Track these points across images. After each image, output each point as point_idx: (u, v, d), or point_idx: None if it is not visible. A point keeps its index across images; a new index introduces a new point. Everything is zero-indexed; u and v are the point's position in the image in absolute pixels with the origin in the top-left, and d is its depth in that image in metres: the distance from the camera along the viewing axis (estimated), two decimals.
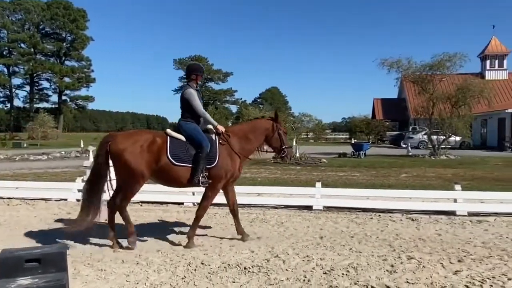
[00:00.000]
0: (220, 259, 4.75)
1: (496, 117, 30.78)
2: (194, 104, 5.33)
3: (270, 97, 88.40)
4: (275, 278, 4.12)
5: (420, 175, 13.31)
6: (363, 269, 4.36)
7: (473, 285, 3.90)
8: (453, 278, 4.09)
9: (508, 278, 4.06)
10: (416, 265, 4.49)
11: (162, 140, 5.19)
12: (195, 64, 5.77)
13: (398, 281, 3.99)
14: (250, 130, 5.66)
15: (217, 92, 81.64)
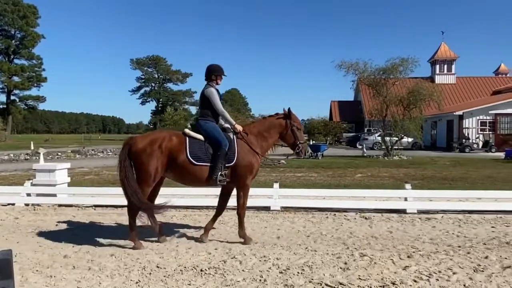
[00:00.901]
0: (176, 262, 4.69)
1: (445, 119, 32.38)
2: (215, 102, 5.42)
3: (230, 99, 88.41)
4: (231, 279, 4.12)
5: (374, 175, 13.76)
6: (318, 267, 4.45)
7: (421, 280, 4.07)
8: (403, 273, 4.26)
9: (453, 272, 4.27)
10: (368, 262, 4.63)
11: (180, 140, 5.29)
12: (215, 65, 5.71)
13: (351, 278, 4.11)
14: (265, 128, 5.73)
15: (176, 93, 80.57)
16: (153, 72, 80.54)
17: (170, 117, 50.79)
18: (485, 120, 29.72)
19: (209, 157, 5.27)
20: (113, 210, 7.97)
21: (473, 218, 7.08)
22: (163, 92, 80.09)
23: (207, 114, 5.49)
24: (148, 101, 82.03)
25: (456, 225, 6.66)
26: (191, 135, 5.39)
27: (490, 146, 27.72)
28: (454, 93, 44.88)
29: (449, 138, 31.18)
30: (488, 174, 13.69)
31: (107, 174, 14.49)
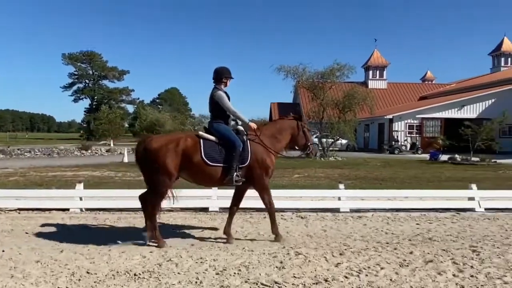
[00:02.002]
0: (108, 266, 4.50)
1: (376, 122, 34.19)
2: (225, 104, 5.53)
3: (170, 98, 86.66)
4: (166, 282, 4.04)
5: (311, 176, 14.18)
6: (254, 267, 4.49)
7: (351, 276, 4.25)
8: (335, 270, 4.42)
9: (381, 268, 4.51)
10: (303, 260, 4.76)
11: (194, 141, 5.38)
12: (224, 68, 5.78)
13: (286, 276, 4.19)
14: (277, 130, 5.87)
15: (112, 91, 77.30)
16: (87, 68, 76.68)
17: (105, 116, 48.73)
18: (412, 123, 31.77)
19: (223, 158, 5.38)
20: (41, 213, 7.48)
21: (400, 216, 7.53)
22: (98, 90, 76.54)
23: (218, 116, 5.61)
24: (82, 98, 77.99)
25: (385, 222, 7.04)
26: (205, 137, 5.48)
27: (416, 148, 29.65)
28: (385, 98, 47.47)
29: (380, 140, 32.97)
30: (414, 175, 14.64)
31: (34, 175, 13.59)
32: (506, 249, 5.31)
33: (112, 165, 17.86)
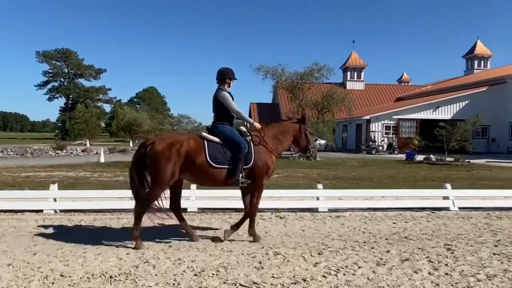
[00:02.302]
0: (83, 269, 4.40)
1: (354, 123, 34.63)
2: (230, 105, 5.55)
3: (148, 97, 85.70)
4: (143, 284, 3.97)
5: (290, 175, 14.24)
6: (233, 267, 4.47)
7: (329, 275, 4.28)
8: (313, 269, 4.44)
9: (358, 267, 4.55)
10: (281, 260, 4.76)
11: (198, 143, 5.36)
12: (228, 69, 5.83)
13: (265, 277, 4.18)
14: (280, 132, 5.94)
15: (88, 89, 75.87)
16: (62, 66, 74.98)
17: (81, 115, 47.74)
18: (389, 124, 32.32)
19: (228, 159, 5.37)
20: (12, 215, 7.26)
21: (377, 215, 7.63)
22: (74, 88, 74.95)
23: (222, 117, 5.61)
24: (57, 97, 76.28)
25: (362, 222, 7.11)
26: (209, 138, 5.46)
27: (393, 148, 30.19)
28: (363, 99, 48.13)
29: (358, 140, 33.42)
30: (391, 174, 14.89)
31: (6, 175, 13.19)
32: (479, 247, 5.44)
33: (88, 165, 17.52)
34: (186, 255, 4.90)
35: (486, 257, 4.95)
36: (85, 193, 8.34)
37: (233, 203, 7.91)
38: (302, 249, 5.27)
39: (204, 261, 4.70)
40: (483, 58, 46.53)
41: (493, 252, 5.19)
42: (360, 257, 4.91)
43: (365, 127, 32.40)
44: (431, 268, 4.55)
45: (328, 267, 4.52)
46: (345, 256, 4.97)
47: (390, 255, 5.05)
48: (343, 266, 4.58)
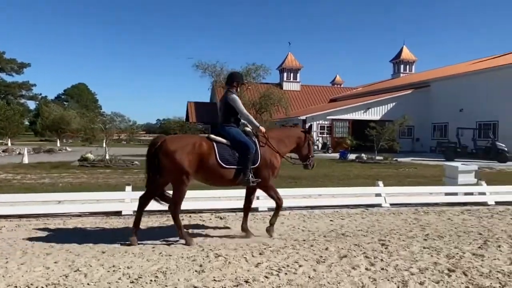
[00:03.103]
0: (4, 281, 3.99)
1: (291, 123, 35.18)
2: (240, 108, 5.73)
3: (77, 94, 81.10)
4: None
5: None
6: (172, 272, 4.29)
7: (271, 275, 4.25)
8: (255, 270, 4.39)
9: (299, 265, 4.58)
10: (223, 262, 4.66)
11: (208, 145, 5.51)
12: (238, 73, 6.25)
13: (206, 280, 4.06)
14: (285, 136, 6.23)
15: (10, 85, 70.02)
16: None
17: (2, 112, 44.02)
18: (323, 124, 33.41)
19: (236, 160, 5.55)
20: None
21: (315, 213, 7.79)
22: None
23: (230, 120, 5.79)
24: None
25: (301, 220, 7.22)
26: (218, 140, 5.62)
27: (327, 148, 31.25)
28: (299, 99, 49.37)
29: None
30: (326, 173, 15.35)
31: None
32: (410, 241, 5.72)
33: (9, 166, 16.15)
34: (121, 261, 4.63)
35: (417, 251, 5.22)
36: (6, 197, 7.63)
37: None
38: (243, 249, 5.21)
39: (141, 267, 4.46)
40: (409, 62, 49.81)
41: (423, 246, 5.48)
42: (301, 256, 4.95)
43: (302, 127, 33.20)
44: (368, 263, 4.69)
45: (270, 267, 4.49)
46: (286, 255, 4.98)
47: (329, 252, 5.14)
48: (285, 265, 4.58)
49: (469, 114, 28.47)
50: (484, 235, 6.14)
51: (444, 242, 5.74)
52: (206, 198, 8.06)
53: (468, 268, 4.52)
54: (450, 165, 9.94)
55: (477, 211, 8.22)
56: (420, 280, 4.15)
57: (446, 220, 7.33)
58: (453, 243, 5.65)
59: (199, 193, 8.28)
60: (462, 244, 5.59)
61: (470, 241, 5.78)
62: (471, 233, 6.28)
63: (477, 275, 4.32)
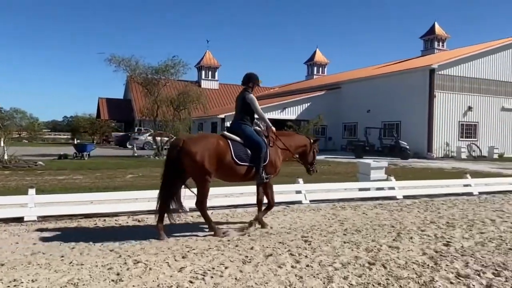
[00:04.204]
0: None
1: (210, 121, 35.14)
2: (256, 108, 6.09)
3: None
4: None
5: (146, 175, 13.52)
6: (85, 283, 3.87)
7: (196, 280, 4.03)
8: (178, 275, 4.13)
9: (225, 267, 4.41)
10: (143, 268, 4.33)
11: (225, 143, 5.79)
12: (255, 74, 6.34)
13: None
14: (293, 140, 6.66)
15: None
16: None
17: None
18: None
19: (249, 157, 5.85)
20: None
21: (238, 212, 7.69)
22: None
23: (247, 118, 6.10)
24: None
25: (224, 220, 7.05)
26: (232, 138, 5.89)
27: None
28: (218, 98, 49.29)
29: None
30: None
31: None
32: (331, 237, 5.86)
33: None
34: (24, 274, 4.07)
35: (338, 246, 5.34)
36: None
37: (82, 208, 7.07)
38: (165, 253, 4.91)
39: (48, 279, 3.96)
40: (321, 65, 52.29)
41: (344, 240, 5.64)
42: (226, 257, 4.79)
43: (221, 126, 33.10)
44: (293, 261, 4.68)
45: (194, 271, 4.27)
46: (211, 257, 4.78)
47: (254, 251, 5.05)
48: (210, 268, 4.39)
49: (375, 115, 30.62)
50: (396, 228, 6.52)
51: (362, 236, 5.97)
52: (121, 200, 7.54)
53: (387, 261, 4.71)
54: (363, 162, 10.50)
55: (388, 205, 8.76)
56: (344, 275, 4.22)
57: (362, 214, 7.68)
58: (370, 237, 5.90)
59: (114, 195, 7.76)
60: (378, 237, 5.85)
61: (385, 234, 6.08)
62: (385, 226, 6.63)
63: (395, 266, 4.52)
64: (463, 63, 28.60)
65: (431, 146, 27.04)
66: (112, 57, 21.57)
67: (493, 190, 10.81)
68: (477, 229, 6.48)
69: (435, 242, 5.62)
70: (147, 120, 25.53)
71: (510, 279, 4.15)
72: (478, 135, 28.91)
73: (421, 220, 7.16)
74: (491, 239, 5.84)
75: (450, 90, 28.04)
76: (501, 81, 29.69)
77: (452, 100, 28.14)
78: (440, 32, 39.09)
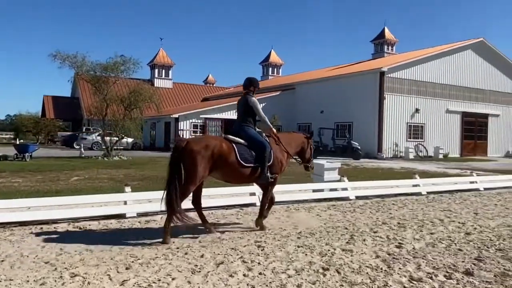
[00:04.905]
0: None
1: (163, 121, 34.24)
2: (259, 111, 6.23)
3: None
4: None
5: (92, 178, 12.82)
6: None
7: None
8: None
9: (172, 278, 4.12)
10: (80, 283, 3.95)
11: (228, 146, 5.82)
12: (255, 79, 6.64)
13: None
14: (292, 138, 6.81)
15: None
16: None
17: None
18: (197, 123, 33.10)
19: (254, 159, 5.95)
20: None
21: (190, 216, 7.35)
22: None
23: (250, 121, 6.25)
24: None
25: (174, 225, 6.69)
26: (236, 141, 5.97)
27: None
28: (171, 97, 48.30)
29: (166, 138, 33.14)
30: None
31: None
32: (285, 241, 5.70)
33: None
34: None
35: (292, 251, 5.19)
36: None
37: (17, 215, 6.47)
38: (107, 265, 4.53)
39: None
40: (276, 66, 52.65)
41: (297, 244, 5.49)
42: (174, 267, 4.49)
43: (174, 125, 32.37)
44: (245, 269, 4.46)
45: (138, 284, 3.94)
46: (157, 267, 4.46)
47: (204, 259, 4.78)
48: (155, 279, 4.07)
49: (329, 116, 31.13)
50: (350, 230, 6.48)
51: (315, 239, 5.86)
52: (61, 205, 7.00)
53: (340, 265, 4.61)
54: (317, 162, 10.48)
55: (341, 206, 8.77)
56: (298, 283, 4.05)
57: (316, 216, 7.61)
58: (324, 240, 5.80)
59: (54, 200, 7.19)
60: (332, 240, 5.77)
61: (338, 237, 6.01)
62: (338, 229, 6.57)
63: (349, 271, 4.41)
64: (411, 66, 29.74)
65: (381, 146, 27.87)
66: (57, 53, 20.41)
67: (440, 189, 11.18)
68: (427, 230, 6.58)
69: (387, 244, 5.61)
70: (96, 119, 24.42)
71: (461, 282, 4.17)
72: (424, 136, 30.16)
73: (373, 221, 7.19)
74: (440, 239, 5.93)
75: (399, 92, 29.07)
76: (446, 84, 31.16)
77: (401, 102, 29.17)
78: (390, 37, 40.51)
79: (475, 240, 5.91)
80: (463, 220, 7.40)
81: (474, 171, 16.10)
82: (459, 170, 18.72)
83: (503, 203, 9.69)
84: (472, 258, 5.01)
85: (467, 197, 10.53)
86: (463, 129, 32.19)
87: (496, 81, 34.09)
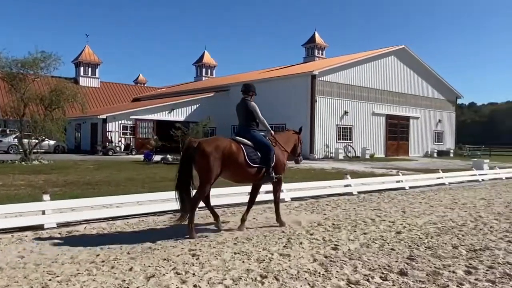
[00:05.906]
0: None
1: (89, 122, 32.35)
2: (258, 114, 6.66)
3: None
4: None
5: (7, 184, 11.60)
6: None
7: None
8: None
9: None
10: None
11: (237, 147, 6.22)
12: (252, 84, 7.06)
13: None
14: (288, 138, 7.21)
15: None
16: None
17: None
18: (126, 124, 31.70)
19: (259, 159, 6.28)
20: None
21: (117, 224, 6.86)
22: None
23: (253, 124, 6.61)
24: None
25: (99, 235, 6.18)
26: (244, 142, 6.30)
27: (131, 149, 29.76)
28: (99, 97, 45.89)
29: (93, 141, 31.33)
30: (130, 176, 14.29)
31: None
32: (221, 248, 5.45)
33: None
34: None
35: (228, 258, 4.95)
36: None
37: None
38: (19, 285, 3.98)
39: None
40: (210, 67, 52.19)
41: (234, 251, 5.27)
42: (98, 283, 4.06)
43: (101, 127, 30.70)
44: (179, 281, 4.15)
45: None
46: (79, 285, 4.00)
47: (133, 273, 4.39)
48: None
49: None
50: (286, 233, 6.39)
51: (252, 244, 5.68)
52: None
53: (279, 272, 4.46)
54: None
55: None
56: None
57: (252, 220, 7.44)
58: (261, 245, 5.64)
59: None
60: (269, 245, 5.62)
61: (275, 241, 5.89)
62: (275, 232, 6.45)
63: (288, 278, 4.28)
64: (340, 70, 30.95)
65: (313, 147, 28.65)
66: None
67: (370, 189, 11.61)
68: (361, 230, 6.69)
69: (324, 247, 5.59)
70: (12, 120, 22.40)
71: (396, 283, 4.20)
72: (353, 137, 31.51)
73: (309, 223, 7.19)
74: (374, 239, 6.03)
75: (329, 95, 30.10)
76: (372, 88, 32.86)
77: (331, 104, 30.23)
78: (320, 41, 41.83)
79: (406, 239, 6.09)
80: (393, 219, 7.66)
81: (399, 170, 17.01)
82: (385, 169, 19.72)
83: (427, 201, 10.25)
84: (404, 257, 5.12)
85: (394, 196, 11.02)
86: (387, 130, 34.15)
87: (416, 86, 36.65)
